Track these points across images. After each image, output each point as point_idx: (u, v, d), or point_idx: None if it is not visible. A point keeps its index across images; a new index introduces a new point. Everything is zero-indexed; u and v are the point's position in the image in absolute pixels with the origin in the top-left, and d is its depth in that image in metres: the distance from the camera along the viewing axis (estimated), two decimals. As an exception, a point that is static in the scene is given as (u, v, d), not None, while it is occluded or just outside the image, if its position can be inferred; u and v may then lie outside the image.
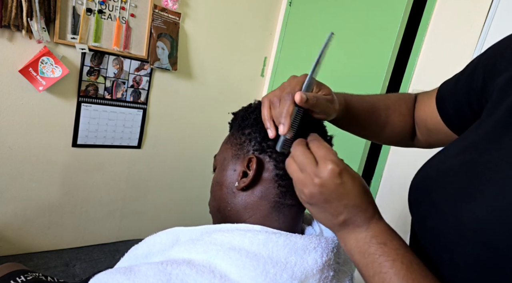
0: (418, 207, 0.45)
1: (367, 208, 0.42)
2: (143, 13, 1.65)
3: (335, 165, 0.41)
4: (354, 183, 0.42)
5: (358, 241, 0.42)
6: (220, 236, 0.45)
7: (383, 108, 0.64)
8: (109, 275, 0.42)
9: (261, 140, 0.51)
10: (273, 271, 0.41)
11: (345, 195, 0.41)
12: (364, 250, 0.41)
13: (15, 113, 1.47)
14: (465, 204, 0.37)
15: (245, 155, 0.51)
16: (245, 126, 0.53)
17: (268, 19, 2.12)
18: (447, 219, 0.39)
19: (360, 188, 0.42)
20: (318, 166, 0.41)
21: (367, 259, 0.40)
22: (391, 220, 1.55)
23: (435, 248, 0.41)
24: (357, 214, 0.42)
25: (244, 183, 0.49)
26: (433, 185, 0.43)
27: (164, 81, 1.82)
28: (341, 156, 0.43)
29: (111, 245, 1.90)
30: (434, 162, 0.46)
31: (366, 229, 0.42)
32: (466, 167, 0.40)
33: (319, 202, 0.42)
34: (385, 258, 0.39)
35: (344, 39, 1.70)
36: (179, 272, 0.40)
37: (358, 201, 0.42)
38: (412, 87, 1.47)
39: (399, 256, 0.39)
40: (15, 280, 0.69)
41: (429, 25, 1.42)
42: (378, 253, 0.40)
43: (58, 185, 1.67)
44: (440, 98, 0.59)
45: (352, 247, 0.42)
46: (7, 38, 1.36)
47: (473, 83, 0.50)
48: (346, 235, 0.43)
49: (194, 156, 2.07)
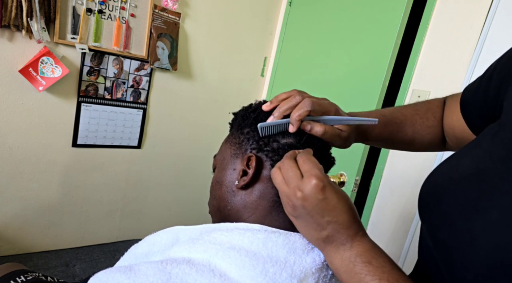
0: (429, 216, 0.44)
1: (350, 226, 0.42)
2: (143, 13, 1.65)
3: (319, 180, 0.41)
4: (338, 199, 0.42)
5: (343, 260, 0.42)
6: (219, 235, 0.45)
7: (410, 125, 0.64)
8: (109, 273, 0.42)
9: (259, 139, 0.51)
10: (273, 270, 0.41)
11: (328, 211, 0.41)
12: (350, 269, 0.41)
13: (15, 113, 1.47)
14: (478, 218, 0.35)
15: (243, 154, 0.52)
16: (244, 125, 0.53)
17: (268, 19, 2.12)
18: (459, 234, 0.37)
19: (344, 205, 0.42)
20: (302, 180, 0.42)
21: (354, 279, 0.41)
22: (391, 220, 1.56)
23: (447, 261, 0.40)
24: (340, 231, 0.42)
25: (244, 181, 0.50)
26: (443, 194, 0.41)
27: (164, 81, 1.82)
28: (341, 156, 0.43)
29: (111, 245, 1.89)
30: (445, 169, 0.45)
31: (350, 248, 0.42)
32: (479, 176, 0.38)
33: (303, 215, 0.43)
34: (371, 277, 0.39)
35: (344, 39, 1.70)
36: (179, 271, 0.40)
37: (341, 218, 0.42)
38: (412, 87, 1.47)
39: (385, 274, 0.39)
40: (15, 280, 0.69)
41: (429, 25, 1.42)
42: (364, 272, 0.40)
43: (58, 185, 1.67)
44: (464, 105, 0.57)
45: (338, 267, 0.43)
46: (7, 38, 1.36)
47: (491, 89, 0.49)
48: (331, 253, 0.43)
49: (194, 156, 2.07)
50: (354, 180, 1.55)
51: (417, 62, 1.45)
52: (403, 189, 1.48)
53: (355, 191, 1.58)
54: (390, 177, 1.53)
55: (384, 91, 1.52)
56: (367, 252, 0.42)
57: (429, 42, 1.42)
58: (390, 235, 1.53)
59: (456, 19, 1.34)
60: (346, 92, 1.66)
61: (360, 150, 1.53)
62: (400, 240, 1.47)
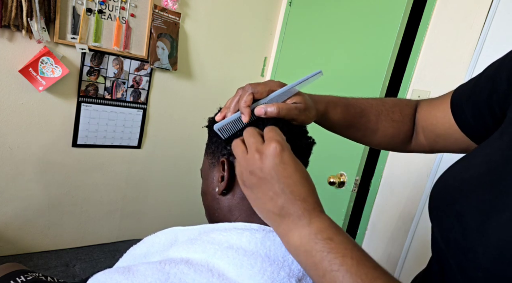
0: (440, 217, 0.43)
1: (306, 198, 0.40)
2: (143, 13, 1.65)
3: (278, 144, 0.41)
4: (296, 169, 0.41)
5: (302, 238, 0.39)
6: (217, 235, 0.46)
7: (375, 113, 0.64)
8: (108, 274, 0.42)
9: (226, 144, 0.52)
10: (271, 269, 0.41)
11: (284, 177, 0.40)
12: (311, 248, 0.38)
13: (15, 113, 1.47)
14: (492, 218, 0.35)
15: (217, 161, 0.53)
16: (212, 134, 0.54)
17: (268, 19, 2.12)
18: (472, 234, 0.36)
19: (301, 177, 0.41)
20: (263, 145, 0.42)
21: (315, 258, 0.38)
22: (391, 220, 1.56)
23: (460, 261, 0.39)
24: (295, 203, 0.40)
25: (222, 186, 0.50)
26: (456, 195, 0.40)
27: (164, 81, 1.82)
28: (341, 156, 0.43)
29: (111, 245, 1.90)
30: (456, 170, 0.44)
31: (309, 224, 0.39)
32: (491, 176, 0.37)
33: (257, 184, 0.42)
34: (334, 255, 0.37)
35: (344, 39, 1.70)
36: (177, 271, 0.40)
37: (297, 189, 0.40)
38: (412, 87, 1.47)
39: (348, 251, 0.37)
40: (15, 280, 0.69)
41: (429, 25, 1.42)
42: (326, 249, 0.37)
43: (58, 185, 1.67)
44: (456, 102, 0.56)
45: (296, 246, 0.40)
46: (7, 38, 1.36)
47: (495, 86, 0.48)
48: (288, 231, 0.41)
49: (194, 156, 2.07)
50: (354, 180, 1.55)
51: (417, 62, 1.45)
52: (403, 189, 1.48)
53: (355, 191, 1.58)
54: (390, 177, 1.53)
55: (384, 91, 1.52)
56: (327, 228, 0.39)
57: (429, 42, 1.42)
58: (390, 235, 1.53)
59: (456, 19, 1.34)
60: (346, 92, 1.65)
61: (360, 150, 1.53)
62: (400, 240, 1.47)
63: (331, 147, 1.49)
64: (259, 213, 0.45)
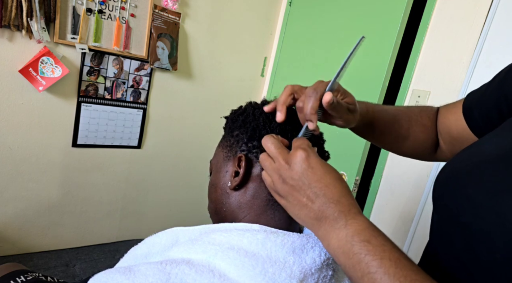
0: (448, 202, 0.43)
1: (339, 200, 0.40)
2: (143, 13, 1.65)
3: (304, 151, 0.42)
4: (324, 171, 0.41)
5: (340, 240, 0.39)
6: (218, 236, 0.45)
7: (406, 119, 0.64)
8: (108, 274, 0.42)
9: (247, 141, 0.52)
10: (272, 270, 0.41)
11: (315, 181, 0.41)
12: (348, 250, 0.38)
13: (15, 113, 1.47)
14: (506, 198, 0.35)
15: (234, 155, 0.53)
16: (234, 128, 0.54)
17: (268, 19, 2.12)
18: (486, 214, 0.37)
19: (332, 178, 0.41)
20: (289, 154, 0.43)
21: (353, 260, 0.38)
22: (391, 220, 1.56)
23: (470, 244, 0.39)
24: (329, 206, 0.40)
25: (236, 182, 0.50)
26: (467, 179, 0.41)
27: (164, 81, 1.82)
28: (342, 156, 0.43)
29: (111, 245, 1.90)
30: (465, 155, 0.45)
31: (345, 226, 0.39)
32: (504, 158, 0.38)
33: (291, 192, 0.42)
34: (371, 257, 0.37)
35: (344, 39, 1.70)
36: (178, 271, 0.40)
37: (329, 192, 0.40)
38: (412, 87, 1.47)
39: (386, 253, 0.37)
40: (15, 280, 0.68)
41: (429, 25, 1.42)
42: (363, 252, 0.37)
43: (58, 185, 1.67)
44: (468, 106, 0.58)
45: (335, 248, 0.40)
46: (7, 38, 1.36)
47: (505, 88, 0.49)
48: (326, 234, 0.41)
49: (194, 156, 2.07)
50: (354, 180, 1.55)
51: (417, 62, 1.45)
52: (403, 189, 1.48)
53: (355, 191, 1.58)
54: (390, 177, 1.53)
55: (384, 91, 1.52)
56: (365, 230, 0.39)
57: (429, 42, 1.42)
58: (390, 235, 1.52)
59: (456, 19, 1.34)
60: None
61: (360, 150, 1.53)
62: (400, 240, 1.47)
63: (331, 147, 1.48)
64: (298, 220, 0.44)
